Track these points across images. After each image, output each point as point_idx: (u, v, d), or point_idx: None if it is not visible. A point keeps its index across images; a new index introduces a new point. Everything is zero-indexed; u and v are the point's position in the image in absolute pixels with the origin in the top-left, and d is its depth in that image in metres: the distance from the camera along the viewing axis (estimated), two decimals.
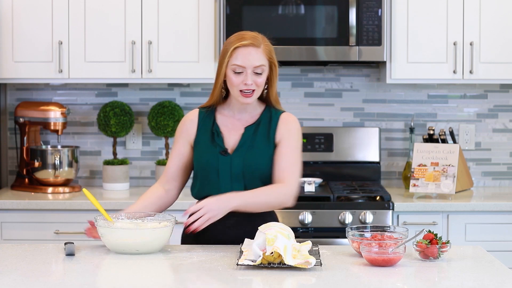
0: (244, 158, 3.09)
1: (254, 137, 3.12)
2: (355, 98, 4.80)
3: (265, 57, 3.07)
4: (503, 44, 4.43)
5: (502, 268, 2.74)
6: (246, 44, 3.05)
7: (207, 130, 3.15)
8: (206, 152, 3.12)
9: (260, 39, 3.08)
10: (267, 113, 3.17)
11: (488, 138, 4.81)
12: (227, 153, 3.11)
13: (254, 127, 3.13)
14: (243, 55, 3.04)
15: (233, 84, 3.06)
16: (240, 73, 3.05)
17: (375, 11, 4.35)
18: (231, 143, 3.13)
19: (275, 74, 3.12)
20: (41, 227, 4.21)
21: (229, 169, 3.09)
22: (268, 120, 3.15)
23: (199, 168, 3.14)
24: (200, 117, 3.17)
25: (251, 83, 3.04)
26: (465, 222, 4.22)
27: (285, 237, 2.73)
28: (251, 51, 3.05)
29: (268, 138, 3.12)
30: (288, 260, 2.67)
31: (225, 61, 3.06)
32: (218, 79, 3.11)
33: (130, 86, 4.80)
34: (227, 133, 3.14)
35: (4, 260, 2.82)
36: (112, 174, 4.60)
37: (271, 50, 3.10)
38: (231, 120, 3.16)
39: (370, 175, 4.69)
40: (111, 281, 2.63)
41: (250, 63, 3.04)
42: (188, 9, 4.44)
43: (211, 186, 3.10)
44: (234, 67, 3.05)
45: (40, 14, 4.43)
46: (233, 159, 3.09)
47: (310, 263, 2.66)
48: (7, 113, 4.79)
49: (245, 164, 3.08)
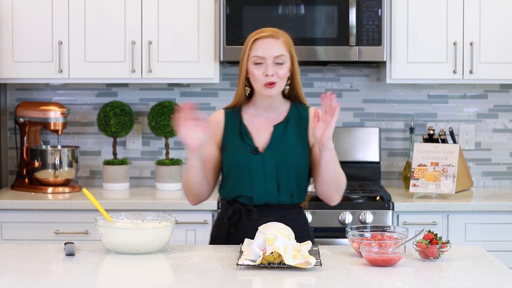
0: (276, 156, 3.08)
1: (284, 134, 3.11)
2: (355, 98, 4.80)
3: (285, 48, 3.07)
4: (503, 44, 4.43)
5: (502, 268, 2.74)
6: (265, 35, 3.07)
7: (234, 130, 3.14)
8: (237, 152, 3.11)
9: (280, 33, 3.09)
10: (294, 109, 3.16)
11: (488, 138, 4.81)
12: (258, 152, 3.10)
13: (284, 124, 3.13)
14: (262, 46, 3.05)
15: (255, 77, 3.05)
16: (260, 64, 3.05)
17: (375, 11, 4.35)
18: (261, 142, 3.12)
19: (296, 68, 3.11)
20: (41, 227, 4.21)
21: (262, 167, 3.08)
22: (297, 117, 3.14)
23: (230, 168, 3.11)
24: (226, 118, 3.16)
25: (272, 74, 3.03)
26: (465, 222, 4.22)
27: (285, 237, 2.73)
28: (270, 41, 3.05)
29: (301, 135, 3.13)
30: (288, 260, 2.67)
31: (246, 55, 3.07)
32: (240, 76, 3.11)
33: (130, 86, 4.80)
34: (255, 132, 3.13)
35: (4, 260, 2.82)
36: (112, 174, 4.60)
37: (290, 43, 3.10)
38: (258, 119, 3.14)
39: (370, 175, 4.69)
40: (111, 281, 2.63)
41: (270, 53, 3.03)
42: (188, 9, 4.44)
43: (244, 186, 3.08)
44: (254, 59, 3.05)
45: (40, 14, 4.43)
46: (265, 158, 3.08)
47: (310, 263, 2.66)
48: (7, 113, 4.80)
49: (278, 162, 3.08)
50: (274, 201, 3.11)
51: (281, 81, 3.06)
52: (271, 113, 3.15)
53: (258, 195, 3.09)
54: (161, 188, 4.61)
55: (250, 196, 3.10)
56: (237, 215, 3.11)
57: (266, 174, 3.08)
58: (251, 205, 3.10)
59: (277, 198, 3.10)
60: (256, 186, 3.08)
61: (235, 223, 3.11)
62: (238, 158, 3.10)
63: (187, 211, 4.20)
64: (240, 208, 3.11)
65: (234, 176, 3.11)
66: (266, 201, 3.10)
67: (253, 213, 3.08)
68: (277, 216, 3.06)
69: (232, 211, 3.12)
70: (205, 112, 4.80)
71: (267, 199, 3.10)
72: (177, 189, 4.61)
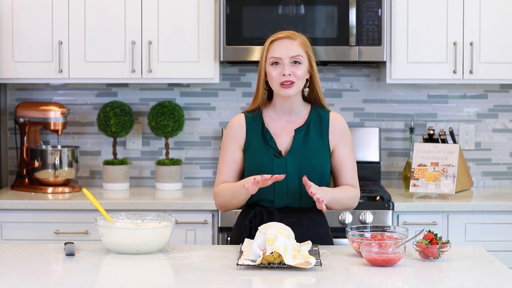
0: (299, 159, 3.08)
1: (306, 138, 3.11)
2: (355, 98, 4.80)
3: (302, 49, 3.08)
4: (503, 44, 4.43)
5: (502, 268, 2.74)
6: (281, 36, 3.09)
7: (257, 133, 3.13)
8: (259, 155, 3.10)
9: (297, 34, 3.11)
10: (315, 113, 3.16)
11: (488, 138, 4.81)
12: (281, 155, 3.09)
13: (305, 128, 3.12)
14: (279, 47, 3.06)
15: (272, 77, 3.06)
16: (277, 65, 3.06)
17: (375, 11, 4.35)
18: (283, 145, 3.11)
19: (315, 69, 3.12)
20: (41, 227, 4.21)
21: (284, 171, 3.07)
22: (318, 121, 3.14)
23: (253, 171, 3.09)
24: (248, 121, 3.15)
25: (289, 74, 3.03)
26: (465, 222, 4.22)
27: (285, 237, 2.73)
28: (287, 42, 3.07)
29: (322, 139, 3.12)
30: (288, 260, 2.67)
31: (264, 57, 3.09)
32: (259, 78, 3.12)
33: (130, 86, 4.80)
34: (277, 136, 3.12)
35: (4, 260, 2.82)
36: (112, 174, 4.60)
37: (308, 44, 3.12)
38: (279, 122, 3.14)
39: (370, 175, 4.69)
40: (111, 281, 2.63)
41: (286, 53, 3.05)
42: (188, 9, 4.44)
43: (266, 189, 3.05)
44: (272, 60, 3.06)
45: (40, 14, 4.43)
46: (287, 161, 3.08)
47: (310, 263, 2.66)
48: (7, 113, 4.80)
49: (300, 166, 3.08)
50: (296, 205, 3.10)
51: (299, 81, 3.06)
52: (292, 117, 3.15)
53: (279, 199, 3.09)
54: (161, 188, 4.61)
55: (271, 200, 3.09)
56: (258, 217, 3.10)
57: (288, 178, 3.07)
58: (273, 207, 3.10)
59: (299, 202, 3.10)
60: (278, 189, 3.07)
61: (256, 225, 3.09)
62: (260, 161, 3.09)
63: (187, 211, 4.20)
64: (261, 211, 3.10)
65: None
66: (287, 205, 3.10)
67: (274, 216, 3.07)
68: (299, 218, 3.07)
69: (253, 213, 3.11)
70: (205, 112, 4.80)
71: (288, 202, 3.09)
72: (177, 189, 4.61)
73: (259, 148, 3.11)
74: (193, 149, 4.82)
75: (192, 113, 4.79)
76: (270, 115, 3.16)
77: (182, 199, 4.31)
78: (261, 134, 3.12)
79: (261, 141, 3.11)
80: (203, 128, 4.80)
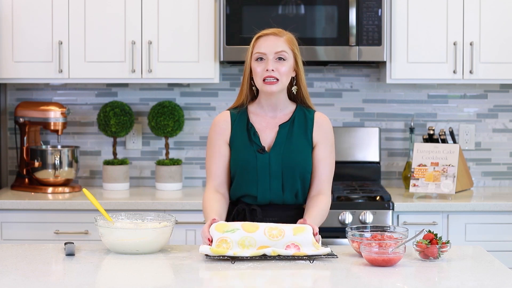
0: (282, 155, 3.10)
1: (290, 135, 3.13)
2: (355, 98, 4.80)
3: (287, 46, 3.09)
4: (503, 44, 4.43)
5: (502, 268, 2.74)
6: (268, 33, 3.11)
7: (242, 129, 3.14)
8: (244, 151, 3.12)
9: (284, 32, 3.13)
10: (300, 111, 3.17)
11: (488, 138, 4.81)
12: (264, 151, 3.11)
13: (289, 125, 3.14)
14: (265, 43, 3.08)
15: (256, 73, 3.07)
16: (262, 60, 3.07)
17: (375, 11, 4.35)
18: (267, 140, 3.13)
19: (301, 67, 3.13)
20: (41, 227, 4.21)
21: (268, 166, 3.09)
22: (303, 119, 3.15)
23: (237, 167, 3.12)
24: (233, 118, 3.17)
25: (273, 69, 3.04)
26: (465, 222, 4.22)
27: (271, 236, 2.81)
28: (272, 38, 3.09)
29: (306, 136, 3.14)
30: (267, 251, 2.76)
31: (249, 53, 3.11)
32: (245, 74, 3.14)
33: (130, 86, 4.80)
34: (262, 131, 3.14)
35: (4, 260, 2.82)
36: (112, 174, 4.60)
37: (294, 42, 3.12)
38: (264, 118, 3.16)
39: (370, 175, 4.69)
40: (111, 281, 2.63)
41: (271, 49, 3.06)
42: (188, 9, 4.44)
43: (249, 185, 3.09)
44: (256, 55, 3.08)
45: (40, 14, 4.43)
46: (271, 157, 3.10)
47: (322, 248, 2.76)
48: (7, 113, 4.80)
49: (284, 162, 3.09)
50: (279, 201, 3.11)
51: (283, 78, 3.07)
52: (277, 113, 3.16)
53: (262, 194, 3.10)
54: (161, 188, 4.61)
55: (254, 196, 3.11)
56: (241, 215, 3.11)
57: (271, 173, 3.09)
58: (255, 204, 3.11)
59: (281, 198, 3.11)
60: (261, 185, 3.09)
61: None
62: (244, 156, 3.11)
63: (187, 211, 4.20)
64: (244, 208, 3.11)
65: (240, 174, 3.12)
66: (271, 201, 3.11)
67: (257, 213, 3.09)
68: (281, 216, 3.07)
69: (236, 211, 3.12)
70: (205, 112, 4.80)
71: (271, 198, 3.11)
72: (177, 189, 4.61)
73: (243, 144, 3.12)
74: (193, 149, 4.82)
75: (192, 113, 4.79)
76: (255, 111, 3.17)
77: (182, 199, 4.31)
78: (246, 130, 3.14)
79: (246, 137, 3.13)
80: (203, 128, 4.80)
